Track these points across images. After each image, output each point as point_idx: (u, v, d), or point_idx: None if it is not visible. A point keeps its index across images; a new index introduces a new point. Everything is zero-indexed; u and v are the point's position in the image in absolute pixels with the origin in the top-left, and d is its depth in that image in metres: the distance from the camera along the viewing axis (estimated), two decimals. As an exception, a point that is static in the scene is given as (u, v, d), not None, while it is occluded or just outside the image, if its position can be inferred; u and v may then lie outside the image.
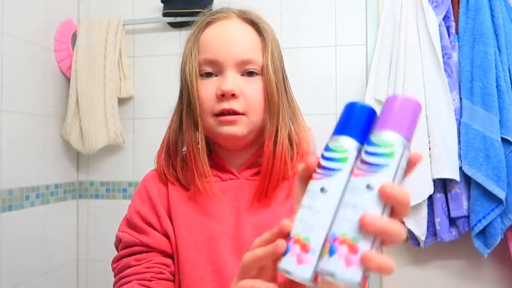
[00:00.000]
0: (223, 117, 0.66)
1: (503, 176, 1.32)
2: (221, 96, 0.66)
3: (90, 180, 1.78)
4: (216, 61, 0.67)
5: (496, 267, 1.51)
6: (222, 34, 0.69)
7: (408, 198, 0.36)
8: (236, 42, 0.68)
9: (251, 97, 0.67)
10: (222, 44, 0.68)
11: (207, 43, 0.69)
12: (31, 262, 1.50)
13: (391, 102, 0.42)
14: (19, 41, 1.46)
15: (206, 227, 0.68)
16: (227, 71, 0.67)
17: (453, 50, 1.45)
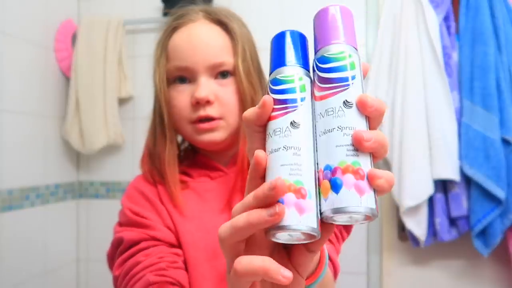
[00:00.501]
0: (201, 124, 0.66)
1: (503, 176, 1.32)
2: (196, 104, 0.66)
3: (90, 180, 1.78)
4: (187, 67, 0.67)
5: (496, 267, 1.51)
6: (191, 38, 0.68)
7: (384, 107, 0.34)
8: (205, 46, 0.67)
9: (226, 101, 0.67)
10: (191, 50, 0.67)
11: (175, 50, 0.68)
12: (31, 262, 1.50)
13: (322, 17, 0.39)
14: (19, 41, 1.46)
15: (202, 223, 0.67)
16: (200, 77, 0.66)
17: (453, 50, 1.45)
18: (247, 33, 0.72)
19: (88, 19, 1.69)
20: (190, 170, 0.73)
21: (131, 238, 0.65)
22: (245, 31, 0.71)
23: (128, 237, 0.65)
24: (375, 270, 1.58)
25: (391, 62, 1.47)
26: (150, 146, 0.72)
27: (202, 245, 0.66)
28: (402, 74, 1.43)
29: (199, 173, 0.72)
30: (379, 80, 1.48)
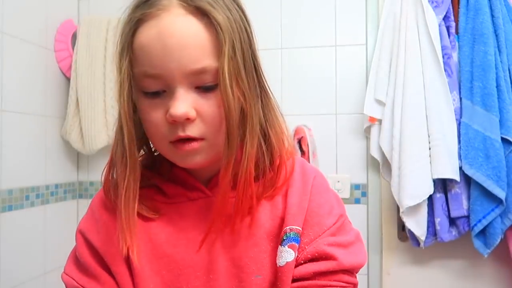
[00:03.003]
0: (181, 145, 0.53)
1: (503, 176, 1.32)
2: (173, 122, 0.52)
3: (90, 180, 1.78)
4: (158, 75, 0.51)
5: (496, 267, 1.51)
6: (161, 37, 0.51)
7: None
8: (180, 47, 0.50)
9: (209, 118, 0.53)
10: (162, 53, 0.51)
11: (143, 51, 0.52)
12: (31, 262, 1.50)
13: None
14: (19, 41, 1.46)
15: (174, 262, 0.57)
16: (176, 89, 0.51)
17: (453, 50, 1.45)
18: (238, 20, 0.55)
19: (88, 19, 1.68)
20: (164, 186, 0.61)
21: (69, 285, 0.62)
22: (234, 18, 0.54)
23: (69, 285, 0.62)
24: (375, 270, 1.58)
25: (391, 62, 1.47)
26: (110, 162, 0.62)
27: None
28: (402, 74, 1.43)
29: (175, 191, 0.60)
30: (379, 80, 1.48)
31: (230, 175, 0.53)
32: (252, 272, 0.56)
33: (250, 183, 0.55)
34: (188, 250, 0.58)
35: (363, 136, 1.60)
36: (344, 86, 1.62)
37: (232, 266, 0.57)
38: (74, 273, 0.61)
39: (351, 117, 1.61)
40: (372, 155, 1.50)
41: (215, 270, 0.56)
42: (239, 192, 0.55)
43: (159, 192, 0.61)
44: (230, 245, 0.57)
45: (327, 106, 1.62)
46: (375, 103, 1.48)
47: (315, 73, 1.63)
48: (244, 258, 0.56)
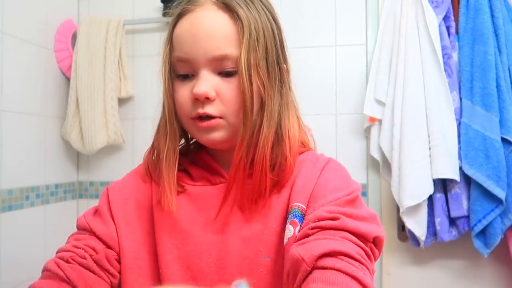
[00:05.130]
0: (200, 122, 0.61)
1: (503, 176, 1.32)
2: (195, 100, 0.60)
3: (90, 180, 1.78)
4: (187, 60, 0.61)
5: (496, 267, 1.51)
6: (192, 27, 0.60)
7: None
8: (206, 36, 0.59)
9: (228, 99, 0.60)
10: (191, 40, 0.60)
11: (178, 39, 0.62)
12: (31, 262, 1.50)
13: None
14: (19, 41, 1.46)
15: (190, 238, 0.62)
16: (201, 71, 0.60)
17: (453, 50, 1.45)
18: (265, 21, 0.63)
19: (88, 19, 1.68)
20: (191, 169, 0.67)
21: (79, 224, 0.66)
22: (258, 16, 0.62)
23: (79, 222, 0.66)
24: (375, 270, 1.58)
25: (391, 62, 1.47)
26: (154, 140, 0.69)
27: (187, 264, 0.62)
28: (402, 74, 1.43)
29: (200, 174, 0.67)
30: (379, 80, 1.48)
31: (244, 152, 0.59)
32: (260, 253, 0.60)
33: (266, 169, 0.60)
34: (205, 228, 0.62)
35: (363, 136, 1.60)
36: (344, 86, 1.62)
37: (243, 247, 0.60)
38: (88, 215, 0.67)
39: (351, 117, 1.61)
40: (372, 155, 1.50)
41: (227, 250, 0.61)
42: (255, 176, 0.60)
43: (187, 175, 0.67)
44: (242, 226, 0.61)
45: (327, 106, 1.62)
46: (375, 103, 1.48)
47: (315, 73, 1.63)
48: (254, 240, 0.60)
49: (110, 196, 0.67)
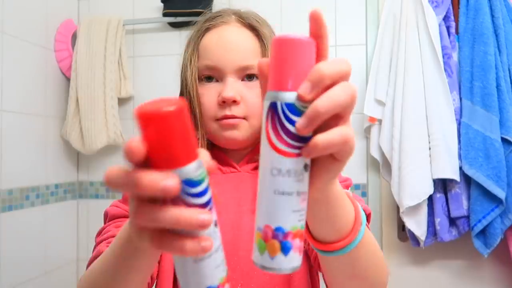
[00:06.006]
0: (225, 120, 0.68)
1: (503, 176, 1.32)
2: (222, 103, 0.67)
3: (90, 180, 1.78)
4: (216, 67, 0.69)
5: (496, 267, 1.51)
6: (222, 40, 0.70)
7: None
8: (235, 48, 0.69)
9: (251, 103, 0.68)
10: (221, 51, 0.69)
11: (207, 49, 0.71)
12: (31, 262, 1.50)
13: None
14: (19, 41, 1.46)
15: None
16: (228, 77, 0.68)
17: (453, 50, 1.45)
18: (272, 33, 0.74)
19: (88, 19, 1.68)
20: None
21: (114, 213, 0.69)
22: (269, 32, 0.73)
23: (112, 212, 0.69)
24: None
25: (391, 62, 1.47)
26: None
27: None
28: (402, 74, 1.43)
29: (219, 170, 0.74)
30: (379, 80, 1.48)
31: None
32: None
33: None
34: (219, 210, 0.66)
35: (363, 136, 1.60)
36: (344, 86, 1.62)
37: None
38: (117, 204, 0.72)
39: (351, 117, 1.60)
40: (372, 155, 1.50)
41: (241, 228, 0.67)
42: None
43: None
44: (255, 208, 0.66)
45: (327, 106, 1.62)
46: (375, 103, 1.48)
47: (315, 73, 1.63)
48: None
49: None
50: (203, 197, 0.34)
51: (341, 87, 0.34)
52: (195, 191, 0.33)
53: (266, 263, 0.35)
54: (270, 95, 0.34)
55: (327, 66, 0.34)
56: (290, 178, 0.34)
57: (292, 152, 0.34)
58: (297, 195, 0.34)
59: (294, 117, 0.33)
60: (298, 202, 0.35)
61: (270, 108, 0.34)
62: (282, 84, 0.34)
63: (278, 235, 0.34)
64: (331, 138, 0.33)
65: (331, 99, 0.33)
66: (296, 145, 0.34)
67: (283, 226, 0.34)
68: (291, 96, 0.33)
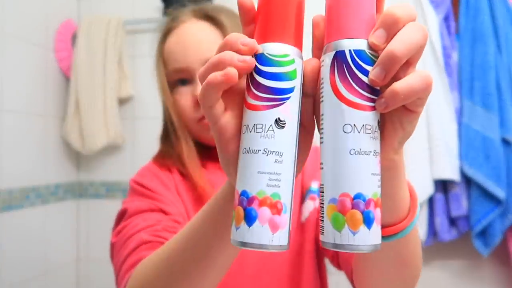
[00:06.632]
0: (205, 120, 0.66)
1: (503, 176, 1.32)
2: (198, 103, 0.66)
3: (90, 180, 1.78)
4: (183, 68, 0.68)
5: (496, 267, 1.51)
6: (181, 39, 0.69)
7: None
8: (195, 43, 0.67)
9: None
10: (183, 50, 0.68)
11: (170, 53, 0.70)
12: (31, 262, 1.50)
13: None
14: (19, 41, 1.46)
15: None
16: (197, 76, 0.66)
17: (453, 50, 1.45)
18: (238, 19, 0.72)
19: (88, 19, 1.68)
20: (205, 163, 0.73)
21: (136, 208, 0.63)
22: (238, 20, 0.70)
23: (134, 207, 0.63)
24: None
25: (391, 62, 1.47)
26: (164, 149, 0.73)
27: None
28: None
29: (214, 166, 0.73)
30: (379, 80, 1.48)
31: None
32: None
33: None
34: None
35: (363, 136, 1.59)
36: (344, 86, 1.61)
37: None
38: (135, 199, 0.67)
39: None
40: (372, 155, 1.50)
41: None
42: None
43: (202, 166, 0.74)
44: None
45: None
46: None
47: (315, 73, 1.63)
48: None
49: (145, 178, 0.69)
50: (273, 81, 0.30)
51: (412, 27, 0.30)
52: (265, 69, 0.30)
53: (347, 241, 0.29)
54: (333, 45, 0.31)
55: (399, 10, 0.30)
56: (366, 135, 0.29)
57: (367, 105, 0.30)
58: (374, 155, 0.30)
59: (366, 66, 0.30)
60: (376, 164, 0.30)
61: (336, 58, 0.30)
62: (348, 32, 0.30)
63: (359, 203, 0.29)
64: (412, 83, 0.29)
65: (406, 41, 0.29)
66: (370, 97, 0.30)
67: (363, 192, 0.29)
68: (361, 43, 0.30)
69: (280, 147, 0.30)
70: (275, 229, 0.29)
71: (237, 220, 0.30)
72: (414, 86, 0.29)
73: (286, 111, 0.31)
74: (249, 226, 0.29)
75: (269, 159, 0.30)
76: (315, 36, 0.35)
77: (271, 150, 0.30)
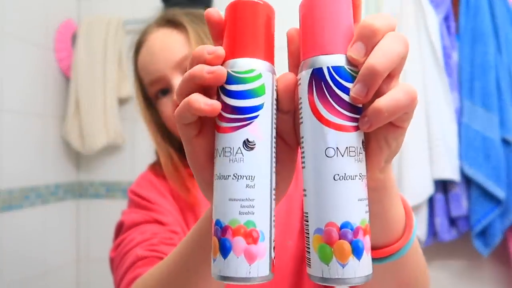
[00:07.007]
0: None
1: (503, 176, 1.32)
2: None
3: (90, 180, 1.78)
4: (157, 78, 0.67)
5: (496, 267, 1.51)
6: (149, 50, 0.69)
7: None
8: (162, 50, 0.67)
9: None
10: (152, 59, 0.68)
11: (142, 68, 0.70)
12: (30, 262, 1.50)
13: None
14: (19, 41, 1.46)
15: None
16: (173, 81, 0.65)
17: (453, 50, 1.45)
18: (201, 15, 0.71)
19: (88, 19, 1.68)
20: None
21: (132, 220, 0.63)
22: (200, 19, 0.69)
23: (130, 220, 0.64)
24: (375, 270, 1.57)
25: (391, 62, 1.47)
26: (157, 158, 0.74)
27: None
28: (402, 74, 1.42)
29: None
30: (379, 80, 1.48)
31: None
32: (285, 236, 0.63)
33: None
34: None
35: (363, 136, 1.59)
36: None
37: None
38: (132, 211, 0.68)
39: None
40: (372, 155, 1.50)
41: None
42: None
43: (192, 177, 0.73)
44: None
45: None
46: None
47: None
48: (279, 224, 0.62)
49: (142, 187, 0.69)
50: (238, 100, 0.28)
51: (392, 38, 0.28)
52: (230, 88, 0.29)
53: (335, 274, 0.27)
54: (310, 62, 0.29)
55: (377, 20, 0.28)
56: (351, 158, 0.27)
57: (350, 125, 0.28)
58: (360, 178, 0.28)
59: (347, 83, 0.28)
60: (362, 188, 0.28)
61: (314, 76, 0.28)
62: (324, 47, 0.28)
63: (346, 233, 0.27)
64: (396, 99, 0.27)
65: (387, 53, 0.27)
66: (352, 117, 0.28)
67: (351, 220, 0.27)
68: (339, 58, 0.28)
69: (251, 170, 0.28)
70: (251, 259, 0.27)
71: (214, 252, 0.28)
72: (399, 102, 0.27)
73: (254, 130, 0.29)
74: (224, 258, 0.28)
75: (240, 185, 0.28)
76: (290, 52, 0.32)
77: (240, 174, 0.28)
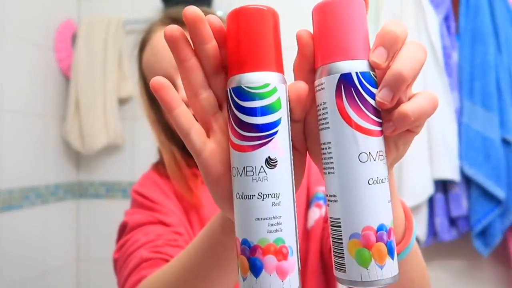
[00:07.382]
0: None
1: (503, 176, 1.32)
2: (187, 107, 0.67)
3: (90, 180, 1.78)
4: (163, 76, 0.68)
5: (496, 267, 1.51)
6: (153, 50, 0.69)
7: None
8: (166, 49, 0.66)
9: None
10: (156, 60, 0.68)
11: (147, 67, 0.71)
12: (30, 262, 1.50)
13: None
14: (19, 41, 1.46)
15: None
16: (177, 80, 0.66)
17: (453, 50, 1.45)
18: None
19: (88, 19, 1.68)
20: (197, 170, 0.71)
21: (136, 221, 0.63)
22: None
23: (134, 220, 0.63)
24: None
25: (391, 62, 1.47)
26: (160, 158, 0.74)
27: None
28: (402, 74, 1.42)
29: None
30: (379, 80, 1.48)
31: None
32: None
33: None
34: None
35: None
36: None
37: None
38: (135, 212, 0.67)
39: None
40: (372, 155, 1.50)
41: None
42: None
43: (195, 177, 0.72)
44: None
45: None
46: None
47: (315, 73, 1.63)
48: None
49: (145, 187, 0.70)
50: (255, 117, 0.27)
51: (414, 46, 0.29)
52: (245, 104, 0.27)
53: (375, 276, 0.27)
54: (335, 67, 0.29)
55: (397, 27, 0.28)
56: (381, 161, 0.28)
57: (377, 130, 0.28)
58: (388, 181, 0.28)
59: (373, 88, 0.28)
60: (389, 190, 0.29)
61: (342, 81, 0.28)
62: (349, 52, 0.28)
63: (382, 235, 0.27)
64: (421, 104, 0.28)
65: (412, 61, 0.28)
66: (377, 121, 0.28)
67: (385, 222, 0.27)
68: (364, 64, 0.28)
69: (275, 188, 0.28)
70: (283, 275, 0.27)
71: (243, 271, 0.28)
72: (424, 107, 0.28)
73: (275, 147, 0.28)
74: (256, 277, 0.27)
75: (266, 204, 0.27)
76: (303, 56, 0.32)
77: (266, 193, 0.27)
